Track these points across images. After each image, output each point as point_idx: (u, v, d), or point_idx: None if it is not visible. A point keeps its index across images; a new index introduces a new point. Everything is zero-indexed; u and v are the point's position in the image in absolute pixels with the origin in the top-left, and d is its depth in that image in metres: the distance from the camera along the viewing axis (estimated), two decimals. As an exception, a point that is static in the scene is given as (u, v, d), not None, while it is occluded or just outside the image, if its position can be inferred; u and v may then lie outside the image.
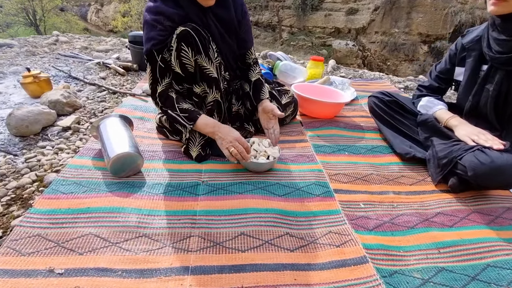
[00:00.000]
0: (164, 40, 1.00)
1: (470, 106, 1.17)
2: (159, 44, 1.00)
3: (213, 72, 1.05)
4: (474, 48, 1.14)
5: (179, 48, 0.98)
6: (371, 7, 11.12)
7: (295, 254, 0.79)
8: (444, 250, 0.85)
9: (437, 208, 1.01)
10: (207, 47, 1.01)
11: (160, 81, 1.04)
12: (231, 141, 1.01)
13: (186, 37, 0.97)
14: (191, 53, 0.99)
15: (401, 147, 1.27)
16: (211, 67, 1.04)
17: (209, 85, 1.06)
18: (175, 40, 0.98)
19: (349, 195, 1.04)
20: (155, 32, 0.99)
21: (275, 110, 1.15)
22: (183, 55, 0.99)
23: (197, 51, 0.99)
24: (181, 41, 0.97)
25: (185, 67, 1.02)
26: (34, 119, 1.21)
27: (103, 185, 0.96)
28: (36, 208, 0.84)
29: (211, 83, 1.06)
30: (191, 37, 0.97)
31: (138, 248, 0.76)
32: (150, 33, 1.00)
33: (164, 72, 1.04)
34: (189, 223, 0.85)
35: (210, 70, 1.04)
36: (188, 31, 0.97)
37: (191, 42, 0.97)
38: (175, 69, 1.03)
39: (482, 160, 0.95)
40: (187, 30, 0.97)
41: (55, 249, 0.74)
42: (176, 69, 1.03)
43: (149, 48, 1.00)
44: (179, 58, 1.00)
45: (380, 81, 2.35)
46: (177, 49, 0.98)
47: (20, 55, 2.25)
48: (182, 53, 0.99)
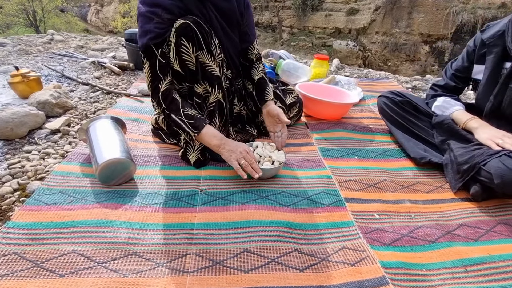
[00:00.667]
0: (163, 33, 0.91)
1: (491, 106, 1.08)
2: (157, 37, 0.90)
3: (216, 69, 0.96)
4: (495, 43, 1.06)
5: (178, 43, 0.89)
6: (371, 7, 11.05)
7: (305, 275, 0.70)
8: (472, 268, 0.76)
9: (459, 219, 0.92)
10: (209, 42, 0.92)
11: (162, 79, 0.94)
12: (241, 152, 0.92)
13: (186, 30, 0.88)
14: (192, 48, 0.90)
15: (415, 151, 1.18)
16: (214, 64, 0.95)
17: (211, 84, 0.97)
18: (174, 34, 0.89)
19: (362, 205, 0.95)
20: (152, 24, 0.90)
21: (281, 115, 1.06)
22: (183, 51, 0.90)
23: (198, 47, 0.90)
24: (180, 35, 0.88)
25: (185, 64, 0.93)
26: (20, 121, 1.12)
27: (90, 195, 0.86)
28: (14, 222, 0.75)
29: (213, 82, 0.97)
30: (191, 31, 0.88)
31: (127, 269, 0.67)
32: (146, 26, 0.91)
33: (166, 69, 0.94)
34: (186, 238, 0.76)
35: (213, 68, 0.95)
36: (189, 24, 0.88)
37: (191, 37, 0.89)
38: (174, 66, 0.94)
39: (510, 166, 0.86)
40: (187, 23, 0.88)
41: (32, 271, 0.65)
42: (175, 67, 0.94)
43: (146, 42, 0.91)
44: (178, 54, 0.91)
45: (387, 80, 2.26)
46: (176, 44, 0.89)
47: (13, 54, 2.16)
48: (182, 48, 0.90)
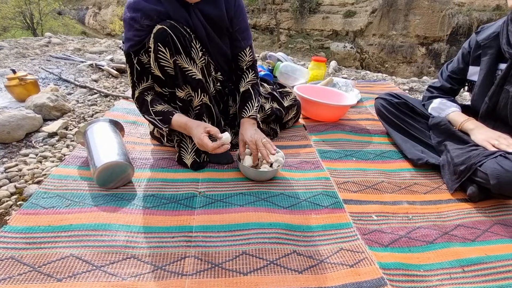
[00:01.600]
0: (141, 40, 0.92)
1: (487, 108, 1.09)
2: (136, 45, 0.92)
3: (197, 73, 0.96)
4: (490, 45, 1.07)
5: (156, 49, 0.89)
6: (368, 9, 11.13)
7: (303, 277, 0.70)
8: (469, 268, 0.76)
9: (456, 220, 0.93)
10: (187, 46, 0.92)
11: (137, 85, 0.98)
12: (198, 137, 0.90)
13: (163, 36, 0.88)
14: (169, 53, 0.90)
15: (412, 152, 1.19)
16: (194, 69, 0.95)
17: (193, 88, 0.96)
18: (152, 41, 0.89)
19: (360, 206, 0.95)
20: (132, 32, 0.92)
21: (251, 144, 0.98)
22: (160, 57, 0.90)
23: (175, 51, 0.90)
24: (157, 41, 0.88)
25: (164, 69, 0.93)
26: (17, 124, 1.12)
27: (88, 198, 0.86)
28: (11, 226, 0.75)
29: (195, 86, 0.96)
30: (167, 36, 0.88)
31: (125, 272, 0.67)
32: (128, 33, 0.93)
33: (141, 75, 0.97)
34: (184, 241, 0.76)
35: (193, 72, 0.95)
36: (165, 29, 0.88)
37: (168, 42, 0.88)
38: (154, 72, 0.95)
39: (506, 167, 0.87)
40: (163, 28, 0.88)
41: (30, 275, 0.64)
42: (155, 72, 0.95)
43: (127, 49, 0.94)
44: (157, 60, 0.92)
45: (384, 82, 2.27)
46: (155, 50, 0.90)
47: (10, 57, 2.15)
48: (159, 54, 0.90)
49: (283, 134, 1.34)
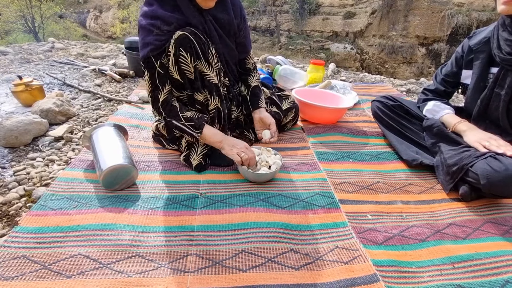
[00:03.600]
0: (162, 45, 0.95)
1: (479, 110, 1.12)
2: (156, 49, 0.95)
3: (214, 78, 1.01)
4: (482, 50, 1.10)
5: (177, 54, 0.93)
6: (368, 10, 11.17)
7: (300, 273, 0.74)
8: (459, 265, 0.79)
9: (448, 219, 0.96)
10: (206, 52, 0.97)
11: (161, 89, 0.99)
12: (241, 148, 1.01)
13: (185, 41, 0.92)
14: (190, 58, 0.94)
15: (407, 153, 1.22)
16: (211, 73, 1.00)
17: (210, 92, 1.02)
18: (173, 45, 0.93)
19: (355, 206, 0.99)
20: (152, 37, 0.94)
21: (273, 126, 1.16)
22: (181, 61, 0.94)
23: (196, 57, 0.95)
24: (179, 47, 0.92)
25: (184, 73, 0.97)
26: (24, 129, 1.16)
27: (94, 200, 0.90)
28: (22, 226, 0.79)
29: (212, 90, 1.01)
30: (189, 42, 0.92)
31: (131, 270, 0.70)
32: (147, 38, 0.95)
33: (164, 79, 0.99)
34: (186, 240, 0.79)
35: (211, 76, 1.00)
36: (187, 36, 0.92)
37: (190, 47, 0.93)
38: (173, 75, 0.99)
39: (495, 167, 0.90)
40: (185, 34, 0.92)
41: (40, 272, 0.68)
42: (174, 75, 0.99)
43: (146, 54, 0.96)
44: (177, 64, 0.95)
45: (382, 84, 2.30)
46: (175, 55, 0.94)
47: (14, 62, 2.20)
48: (180, 58, 0.94)
49: (282, 136, 1.38)
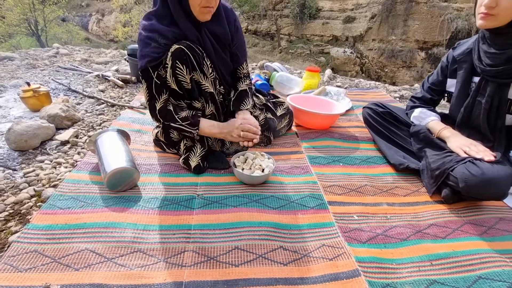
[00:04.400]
0: (159, 57, 1.02)
1: (462, 117, 1.19)
2: (153, 61, 1.02)
3: (209, 87, 1.08)
4: (465, 60, 1.17)
5: (173, 66, 1.00)
6: (368, 15, 11.28)
7: (288, 268, 0.80)
8: (436, 262, 0.86)
9: (430, 220, 1.02)
10: (201, 64, 1.04)
11: (157, 98, 1.06)
12: (237, 128, 1.10)
13: (180, 54, 0.99)
14: (186, 70, 1.01)
15: (395, 158, 1.29)
16: (207, 83, 1.07)
17: (206, 100, 1.09)
18: (169, 58, 1.00)
19: (343, 207, 1.05)
20: (150, 49, 1.01)
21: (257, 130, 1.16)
22: (178, 73, 1.02)
23: (192, 68, 1.02)
24: (175, 59, 0.99)
25: (181, 84, 1.04)
26: (33, 133, 1.23)
27: (99, 200, 0.97)
28: (33, 224, 0.86)
29: (207, 98, 1.09)
30: (185, 55, 0.99)
31: (133, 264, 0.77)
32: (144, 50, 1.02)
33: (161, 89, 1.06)
34: (184, 237, 0.86)
35: (206, 86, 1.07)
36: (182, 49, 0.99)
37: (185, 60, 1.00)
38: (171, 85, 1.06)
39: (473, 172, 0.96)
40: (181, 48, 0.99)
41: (51, 265, 0.75)
42: (172, 86, 1.06)
43: (144, 65, 1.02)
44: (174, 76, 1.02)
45: (376, 90, 2.37)
46: (172, 67, 1.01)
47: (21, 68, 2.28)
48: (177, 70, 1.01)
49: (277, 141, 1.45)
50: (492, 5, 0.93)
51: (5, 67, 2.24)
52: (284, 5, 12.84)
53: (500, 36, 1.01)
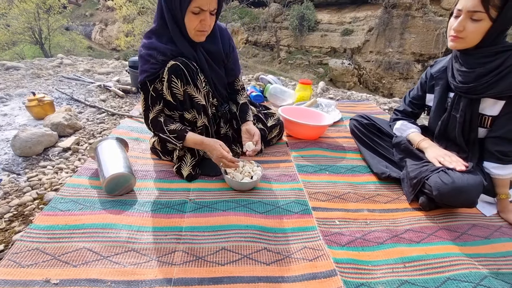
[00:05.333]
0: (156, 72, 1.11)
1: (439, 130, 1.27)
2: (151, 76, 1.11)
3: (201, 100, 1.16)
4: (441, 77, 1.26)
5: (169, 80, 1.10)
6: (365, 28, 11.56)
7: (270, 268, 0.87)
8: (409, 264, 0.92)
9: (407, 225, 1.09)
10: (195, 78, 1.13)
11: (151, 109, 1.16)
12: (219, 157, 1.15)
13: (176, 70, 1.08)
14: (180, 84, 1.10)
15: (377, 167, 1.37)
16: (199, 96, 1.15)
17: (198, 111, 1.17)
18: (166, 73, 1.09)
19: (326, 213, 1.12)
20: (148, 65, 1.11)
21: (256, 136, 1.30)
22: (173, 86, 1.11)
23: (186, 82, 1.11)
24: (171, 74, 1.09)
25: (176, 96, 1.13)
26: (37, 140, 1.31)
27: (97, 203, 1.04)
28: (35, 224, 0.92)
29: (199, 110, 1.17)
30: (180, 70, 1.09)
31: (127, 262, 0.84)
32: (144, 66, 1.12)
33: (155, 101, 1.15)
34: (175, 238, 0.93)
35: (199, 98, 1.15)
36: (178, 65, 1.08)
37: (180, 75, 1.09)
38: (166, 97, 1.15)
39: (444, 180, 1.04)
40: (176, 64, 1.08)
41: (51, 262, 0.81)
42: (167, 98, 1.15)
43: (143, 79, 1.12)
44: (170, 89, 1.11)
45: (367, 102, 2.47)
46: (168, 81, 1.10)
47: (26, 77, 2.38)
48: (172, 84, 1.10)
49: (267, 150, 1.53)
50: (460, 29, 1.03)
51: (10, 76, 2.34)
52: (283, 18, 13.15)
53: (470, 56, 1.10)
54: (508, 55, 1.01)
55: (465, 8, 1.00)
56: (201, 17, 1.05)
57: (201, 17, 1.05)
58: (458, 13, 1.04)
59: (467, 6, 0.99)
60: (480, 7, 0.97)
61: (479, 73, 1.07)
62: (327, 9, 12.76)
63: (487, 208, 1.19)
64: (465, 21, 1.02)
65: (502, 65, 1.01)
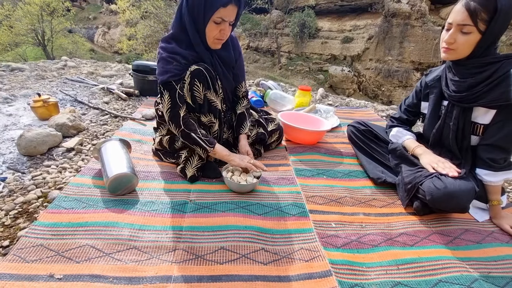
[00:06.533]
0: (180, 73, 1.15)
1: (434, 137, 1.30)
2: (175, 76, 1.15)
3: (219, 104, 1.22)
4: (435, 85, 1.30)
5: (192, 83, 1.15)
6: (365, 36, 11.70)
7: (267, 267, 0.89)
8: (403, 266, 0.95)
9: (401, 229, 1.12)
10: (215, 84, 1.19)
11: (181, 107, 1.17)
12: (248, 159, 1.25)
13: (199, 74, 1.14)
14: (202, 87, 1.16)
15: (374, 172, 1.40)
16: (217, 100, 1.21)
17: (215, 115, 1.22)
18: (188, 76, 1.14)
19: (322, 215, 1.15)
20: (172, 66, 1.14)
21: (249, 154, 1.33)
22: (195, 89, 1.16)
23: (207, 87, 1.16)
24: (194, 78, 1.14)
25: (196, 99, 1.18)
26: (42, 140, 1.34)
27: (100, 202, 1.07)
28: (40, 221, 0.95)
29: (216, 114, 1.22)
30: (203, 75, 1.14)
31: (128, 259, 0.86)
32: (167, 67, 1.14)
33: (183, 99, 1.18)
34: (175, 237, 0.96)
35: (216, 103, 1.21)
36: (201, 70, 1.14)
37: (202, 79, 1.14)
38: (186, 99, 1.19)
39: (437, 186, 1.07)
40: (200, 69, 1.14)
41: (55, 258, 0.84)
42: (187, 100, 1.19)
43: (166, 79, 1.14)
44: (191, 91, 1.16)
45: (365, 109, 2.51)
46: (190, 84, 1.15)
47: (31, 78, 2.42)
48: (194, 87, 1.15)
49: (267, 154, 1.56)
50: (451, 41, 1.07)
51: (15, 78, 2.38)
52: (285, 24, 13.31)
53: (462, 67, 1.14)
54: (498, 66, 1.05)
55: (455, 22, 1.05)
56: (221, 27, 1.11)
57: (221, 27, 1.11)
58: (449, 26, 1.08)
59: (457, 19, 1.04)
60: (469, 21, 1.01)
61: (471, 83, 1.12)
62: (327, 17, 12.92)
63: (480, 214, 1.22)
64: (455, 34, 1.06)
65: (492, 76, 1.06)
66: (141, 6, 10.88)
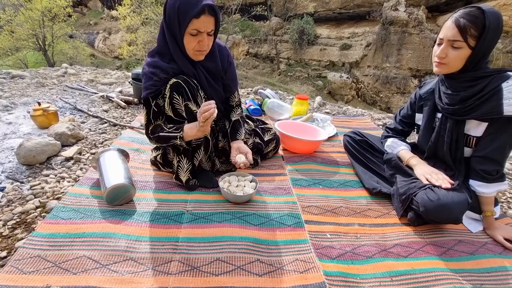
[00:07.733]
0: (158, 89, 1.18)
1: (429, 149, 1.32)
2: (153, 92, 1.18)
3: None
4: (429, 98, 1.32)
5: (171, 96, 1.16)
6: (363, 43, 11.82)
7: (262, 279, 0.90)
8: (396, 278, 0.96)
9: (395, 240, 1.13)
10: (195, 95, 1.19)
11: (152, 122, 1.22)
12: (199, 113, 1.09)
13: (177, 87, 1.15)
14: (181, 100, 1.17)
15: (369, 182, 1.41)
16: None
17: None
18: (168, 90, 1.16)
19: (318, 226, 1.16)
20: (151, 82, 1.17)
21: (249, 155, 1.32)
22: (175, 102, 1.17)
23: (186, 99, 1.17)
24: (173, 91, 1.15)
25: (177, 111, 1.19)
26: (41, 150, 1.36)
27: (98, 212, 1.08)
28: (37, 232, 0.96)
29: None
30: (181, 87, 1.15)
31: (125, 270, 0.87)
32: (147, 83, 1.18)
33: (157, 115, 1.22)
34: (172, 248, 0.97)
35: None
36: (179, 83, 1.15)
37: (181, 92, 1.15)
38: (167, 112, 1.21)
39: (430, 197, 1.09)
40: (178, 82, 1.15)
41: (52, 269, 0.85)
42: (168, 113, 1.21)
43: (145, 95, 1.19)
44: (171, 104, 1.18)
45: (362, 118, 2.54)
46: (170, 97, 1.16)
47: (31, 86, 2.44)
48: (174, 100, 1.16)
49: (263, 163, 1.58)
50: (442, 56, 1.10)
51: (16, 85, 2.40)
52: (284, 31, 13.44)
53: (454, 81, 1.17)
54: (489, 80, 1.08)
55: (446, 37, 1.08)
56: (198, 38, 1.12)
57: (198, 38, 1.12)
58: (440, 41, 1.11)
59: (447, 35, 1.07)
60: (459, 37, 1.04)
61: (463, 97, 1.14)
62: (326, 24, 13.06)
63: (473, 225, 1.23)
64: (446, 49, 1.09)
65: (484, 90, 1.08)
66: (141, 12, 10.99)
